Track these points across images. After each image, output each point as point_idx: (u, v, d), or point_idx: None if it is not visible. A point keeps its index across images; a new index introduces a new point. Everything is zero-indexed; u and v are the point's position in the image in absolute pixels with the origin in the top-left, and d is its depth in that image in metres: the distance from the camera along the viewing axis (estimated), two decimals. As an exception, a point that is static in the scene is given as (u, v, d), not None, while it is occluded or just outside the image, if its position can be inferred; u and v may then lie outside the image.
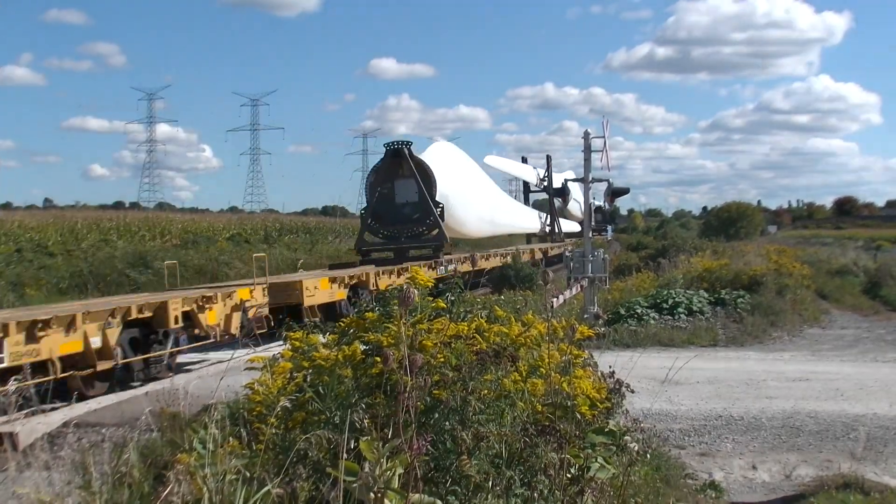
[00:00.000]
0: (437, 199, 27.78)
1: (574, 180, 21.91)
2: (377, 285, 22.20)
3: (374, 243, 28.84)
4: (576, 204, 54.75)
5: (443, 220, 27.79)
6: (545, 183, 51.51)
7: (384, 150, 28.21)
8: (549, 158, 53.33)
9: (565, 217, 57.21)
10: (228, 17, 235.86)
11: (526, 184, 53.80)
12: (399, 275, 23.40)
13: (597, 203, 44.17)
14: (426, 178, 27.69)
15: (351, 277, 21.31)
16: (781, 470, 8.70)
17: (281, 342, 5.66)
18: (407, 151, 27.70)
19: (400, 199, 27.96)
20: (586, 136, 20.28)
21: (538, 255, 39.73)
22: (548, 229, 49.32)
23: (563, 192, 52.06)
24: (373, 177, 28.66)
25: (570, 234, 52.23)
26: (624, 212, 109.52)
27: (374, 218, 28.31)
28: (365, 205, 29.73)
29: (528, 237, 49.25)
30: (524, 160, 56.07)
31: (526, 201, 53.37)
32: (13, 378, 10.35)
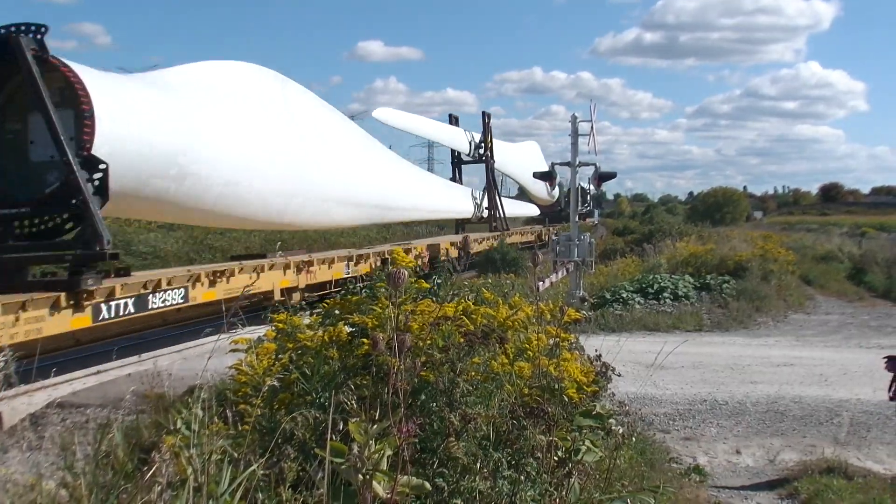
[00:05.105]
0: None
1: (561, 164, 21.83)
2: None
3: None
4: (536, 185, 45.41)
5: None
6: (481, 150, 38.19)
7: None
8: (485, 115, 38.82)
9: (523, 198, 49.49)
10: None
11: (455, 152, 39.35)
12: None
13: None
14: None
15: None
16: (765, 454, 8.76)
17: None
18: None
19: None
20: (573, 119, 20.33)
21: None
22: (485, 213, 37.35)
23: (551, 176, 50.09)
24: None
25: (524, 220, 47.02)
26: (610, 196, 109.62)
27: None
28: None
29: (459, 223, 37.67)
30: (452, 120, 39.54)
31: (458, 176, 39.69)
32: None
